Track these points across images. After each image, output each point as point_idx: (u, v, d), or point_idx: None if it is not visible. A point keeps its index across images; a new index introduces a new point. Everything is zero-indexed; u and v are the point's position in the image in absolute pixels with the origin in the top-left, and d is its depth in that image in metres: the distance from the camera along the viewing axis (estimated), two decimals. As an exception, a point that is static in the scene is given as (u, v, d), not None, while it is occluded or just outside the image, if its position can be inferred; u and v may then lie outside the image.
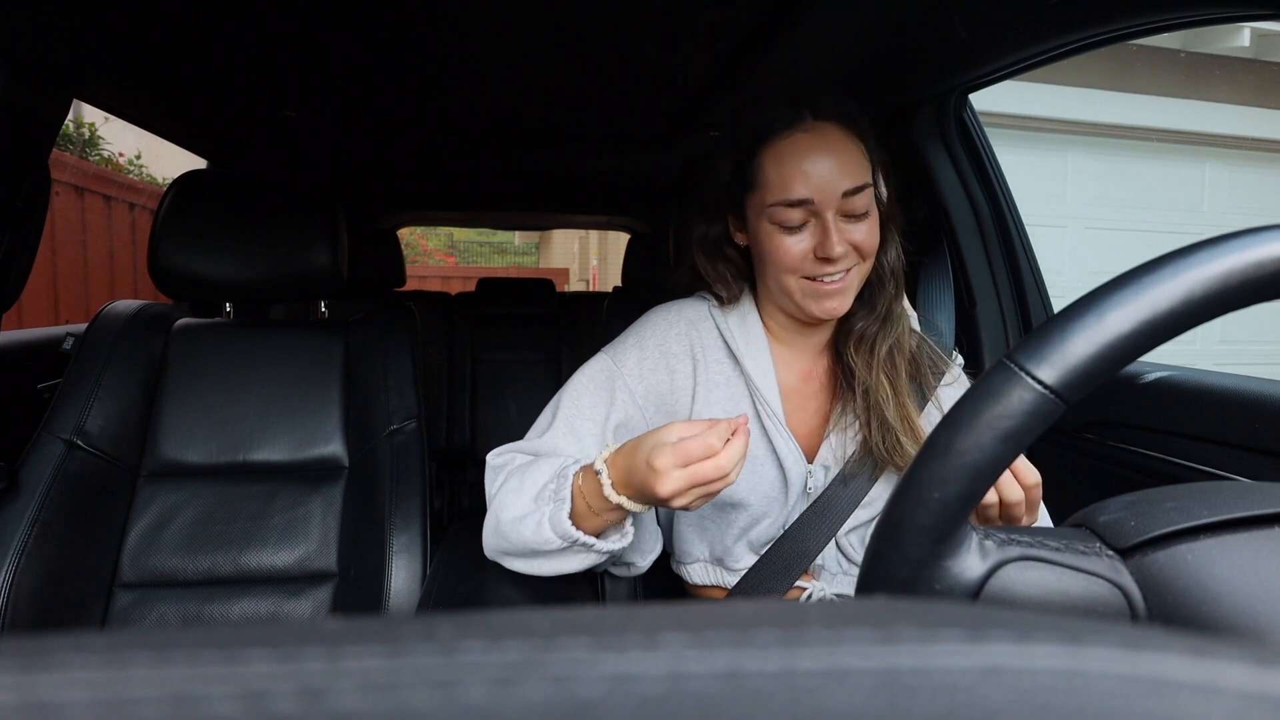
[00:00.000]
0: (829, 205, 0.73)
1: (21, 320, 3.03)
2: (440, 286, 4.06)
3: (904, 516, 0.35)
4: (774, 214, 0.75)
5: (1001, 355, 0.34)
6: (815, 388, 0.84)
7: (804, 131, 0.75)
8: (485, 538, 0.75)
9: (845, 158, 0.74)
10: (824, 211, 0.73)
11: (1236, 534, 0.33)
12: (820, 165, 0.73)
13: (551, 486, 0.70)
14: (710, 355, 0.82)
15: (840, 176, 0.73)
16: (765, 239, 0.77)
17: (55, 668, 0.12)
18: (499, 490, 0.74)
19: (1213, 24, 0.82)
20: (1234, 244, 0.32)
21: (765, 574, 0.79)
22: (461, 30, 1.11)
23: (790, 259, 0.75)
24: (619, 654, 0.13)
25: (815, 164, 0.73)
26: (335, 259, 1.14)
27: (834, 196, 0.73)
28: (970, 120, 1.27)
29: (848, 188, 0.73)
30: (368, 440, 1.10)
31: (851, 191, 0.73)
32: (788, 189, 0.73)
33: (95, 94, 1.32)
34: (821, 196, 0.73)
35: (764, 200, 0.76)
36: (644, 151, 1.84)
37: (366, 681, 0.12)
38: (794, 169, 0.73)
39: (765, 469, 0.79)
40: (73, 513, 0.96)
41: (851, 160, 0.74)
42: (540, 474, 0.72)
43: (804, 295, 0.77)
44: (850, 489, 0.79)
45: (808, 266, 0.75)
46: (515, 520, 0.70)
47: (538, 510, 0.69)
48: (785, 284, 0.77)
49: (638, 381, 0.81)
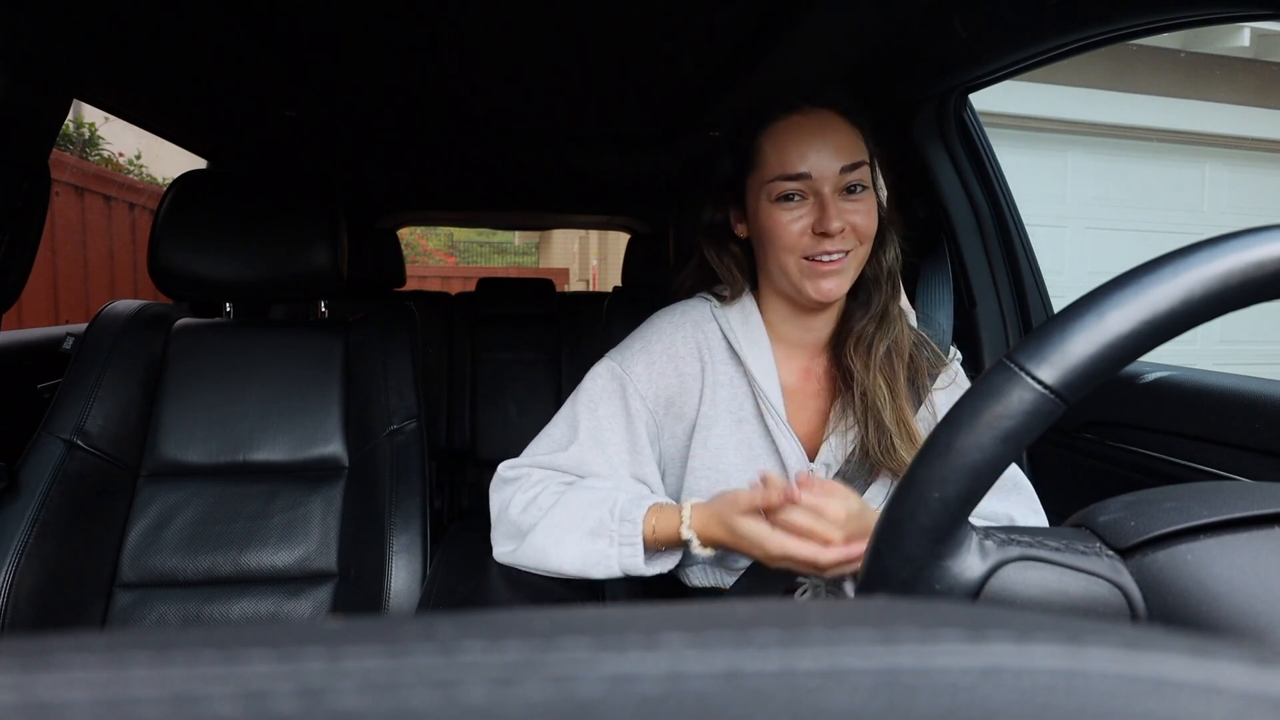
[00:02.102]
0: (826, 181, 0.75)
1: (21, 320, 3.03)
2: (440, 286, 4.06)
3: (904, 516, 0.35)
4: (773, 189, 0.77)
5: (1001, 355, 0.34)
6: (815, 387, 0.85)
7: (802, 114, 0.78)
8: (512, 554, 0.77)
9: (842, 139, 0.77)
10: (821, 187, 0.75)
11: (1236, 534, 0.33)
12: (817, 142, 0.76)
13: (613, 527, 0.72)
14: (716, 355, 0.83)
15: (837, 153, 0.76)
16: (765, 217, 0.78)
17: (55, 668, 0.12)
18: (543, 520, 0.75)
19: (1213, 24, 0.82)
20: (1234, 244, 0.32)
21: (762, 574, 0.79)
22: (461, 30, 1.11)
23: (789, 236, 0.76)
24: (619, 654, 0.13)
25: (812, 141, 0.76)
26: (335, 259, 1.14)
27: (831, 172, 0.75)
28: (970, 120, 1.27)
29: (845, 163, 0.75)
30: (368, 440, 1.10)
31: (848, 168, 0.76)
32: (785, 164, 0.76)
33: (95, 94, 1.32)
34: (819, 171, 0.75)
35: (763, 178, 0.78)
36: (644, 151, 1.84)
37: (366, 681, 0.12)
38: (792, 146, 0.76)
39: (767, 467, 0.80)
40: (73, 513, 0.96)
41: (848, 142, 0.77)
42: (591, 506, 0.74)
43: (802, 276, 0.77)
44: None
45: (806, 244, 0.76)
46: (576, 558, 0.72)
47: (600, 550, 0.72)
48: (784, 264, 0.78)
49: (647, 385, 0.82)
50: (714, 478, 0.80)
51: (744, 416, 0.81)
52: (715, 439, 0.81)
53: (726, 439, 0.80)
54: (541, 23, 1.07)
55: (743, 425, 0.81)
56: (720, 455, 0.80)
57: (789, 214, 0.76)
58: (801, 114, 0.78)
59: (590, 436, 0.80)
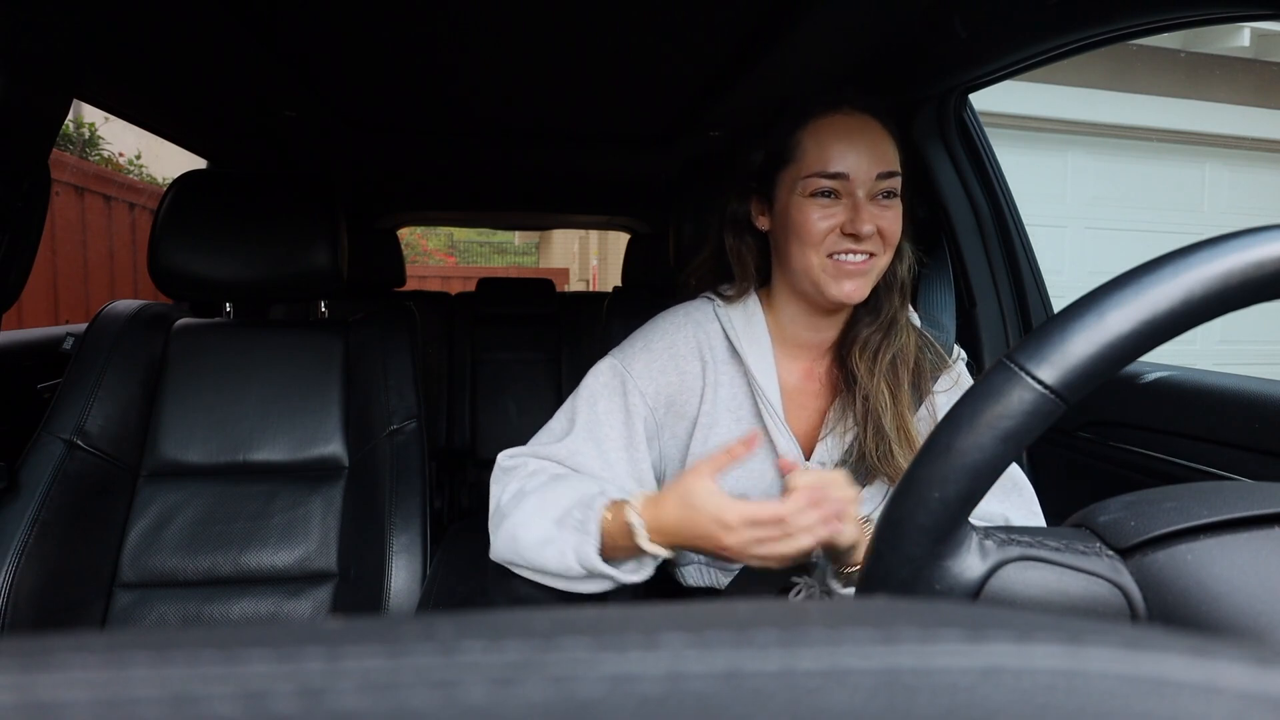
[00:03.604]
0: (862, 183, 0.76)
1: (21, 320, 3.03)
2: (440, 286, 4.06)
3: (904, 516, 0.35)
4: (809, 185, 0.77)
5: (1001, 355, 0.34)
6: (816, 388, 0.85)
7: (844, 115, 0.78)
8: (497, 547, 0.76)
9: (882, 144, 0.77)
10: (856, 189, 0.76)
11: (1236, 534, 0.33)
12: (859, 144, 0.76)
13: (577, 515, 0.70)
14: (717, 355, 0.84)
15: (876, 159, 0.76)
16: (796, 212, 0.78)
17: (55, 668, 0.12)
18: (519, 506, 0.74)
19: (1213, 24, 0.82)
20: (1234, 244, 0.32)
21: (756, 575, 0.80)
22: (462, 30, 1.11)
23: (818, 232, 0.76)
24: (619, 654, 0.13)
25: (854, 143, 0.76)
26: (335, 259, 1.14)
27: (869, 176, 0.76)
28: (970, 120, 1.27)
29: (882, 170, 0.76)
30: (368, 440, 1.10)
31: (885, 175, 0.76)
32: (826, 161, 0.76)
33: (95, 94, 1.32)
34: (857, 173, 0.75)
35: (800, 173, 0.78)
36: (644, 151, 1.84)
37: (366, 681, 0.12)
38: (834, 144, 0.76)
39: (764, 465, 0.81)
40: (73, 513, 0.96)
41: (886, 150, 0.78)
42: (563, 496, 0.72)
43: (825, 275, 0.77)
44: None
45: (833, 242, 0.76)
46: (537, 544, 0.71)
47: (560, 537, 0.69)
48: (808, 261, 0.78)
49: (647, 382, 0.82)
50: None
51: (743, 415, 0.82)
52: (716, 437, 0.81)
53: (727, 436, 0.81)
54: (541, 23, 1.07)
55: (741, 424, 0.82)
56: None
57: (821, 210, 0.76)
58: (844, 114, 0.78)
59: (586, 430, 0.80)
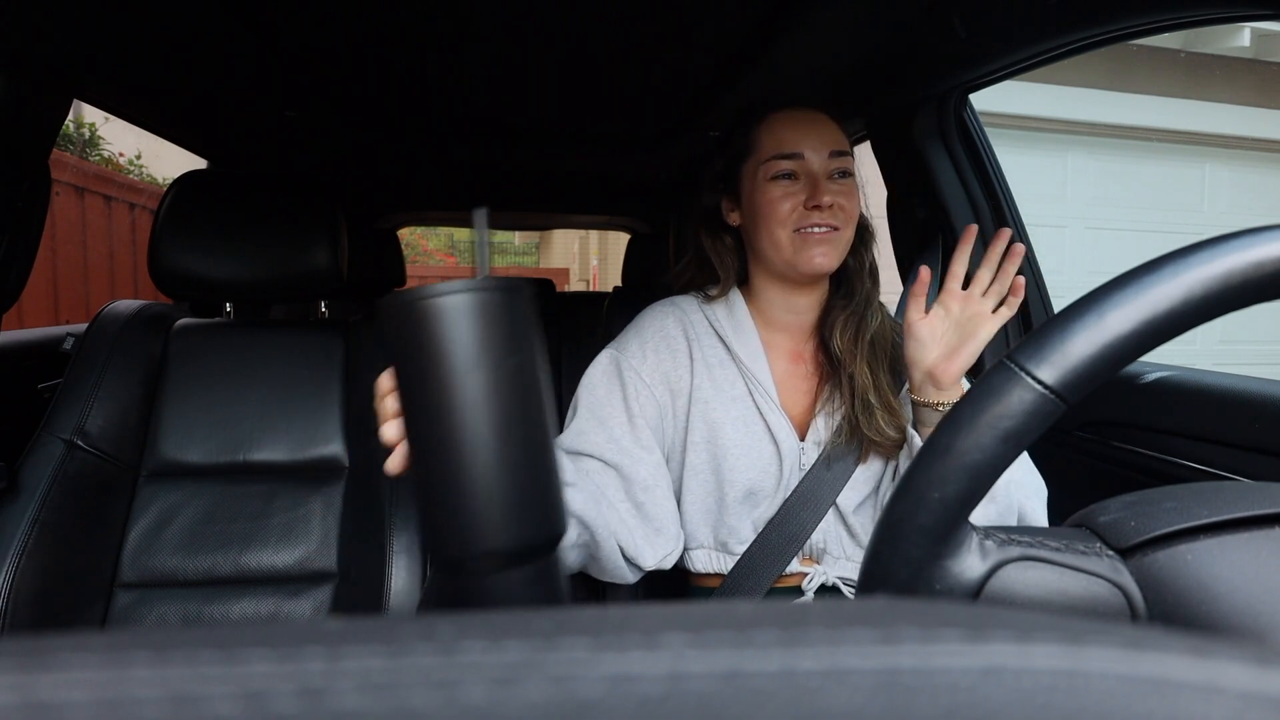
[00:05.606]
0: (817, 161, 0.84)
1: (21, 320, 3.03)
2: (440, 286, 4.04)
3: (904, 516, 0.35)
4: (769, 169, 0.85)
5: (1001, 355, 0.34)
6: (805, 370, 0.90)
7: (794, 109, 0.87)
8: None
9: (831, 129, 0.86)
10: (813, 167, 0.84)
11: (1236, 534, 0.33)
12: (809, 129, 0.85)
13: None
14: (704, 339, 0.90)
15: (826, 138, 0.85)
16: (760, 195, 0.85)
17: (55, 668, 0.12)
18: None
19: (1213, 24, 0.83)
20: (1234, 244, 0.32)
21: (761, 558, 0.84)
22: (462, 30, 1.11)
23: (783, 210, 0.84)
24: (619, 654, 0.13)
25: (805, 129, 0.85)
26: (335, 259, 1.14)
27: (822, 154, 0.84)
28: (970, 120, 1.27)
29: (834, 149, 0.85)
30: (368, 440, 1.10)
31: (837, 154, 0.85)
32: (781, 144, 0.85)
33: (95, 94, 1.32)
34: (810, 152, 0.84)
35: (760, 159, 0.86)
36: (644, 151, 1.84)
37: (366, 681, 0.12)
38: (787, 130, 0.85)
39: (762, 446, 0.85)
40: (73, 513, 0.96)
41: (835, 135, 0.86)
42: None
43: (794, 248, 0.84)
44: (834, 471, 0.84)
45: (798, 217, 0.83)
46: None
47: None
48: (778, 239, 0.84)
49: (641, 362, 0.87)
50: (713, 451, 0.85)
51: (737, 395, 0.86)
52: (714, 413, 0.86)
53: (724, 414, 0.85)
54: (542, 23, 1.07)
55: (737, 402, 0.86)
56: (719, 430, 0.85)
57: (783, 190, 0.84)
58: (795, 109, 0.87)
59: (589, 412, 0.85)
